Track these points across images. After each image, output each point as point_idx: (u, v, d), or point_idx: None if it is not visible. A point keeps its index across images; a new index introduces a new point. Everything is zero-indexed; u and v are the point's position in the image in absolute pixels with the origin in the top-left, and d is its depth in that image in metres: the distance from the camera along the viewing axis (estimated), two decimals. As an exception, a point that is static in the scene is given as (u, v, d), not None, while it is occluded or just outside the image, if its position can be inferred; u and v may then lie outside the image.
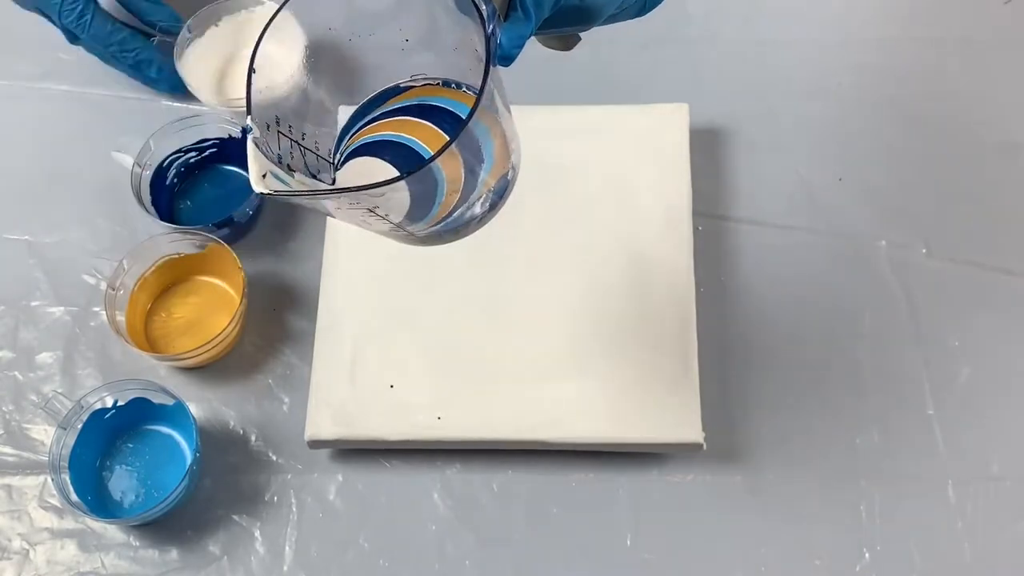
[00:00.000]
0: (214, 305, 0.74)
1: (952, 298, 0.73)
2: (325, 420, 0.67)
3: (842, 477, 0.68)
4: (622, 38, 0.82)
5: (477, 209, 0.51)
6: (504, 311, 0.70)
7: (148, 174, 0.75)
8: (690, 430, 0.66)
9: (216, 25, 0.80)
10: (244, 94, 0.73)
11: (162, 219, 0.73)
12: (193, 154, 0.78)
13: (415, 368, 0.69)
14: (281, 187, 0.45)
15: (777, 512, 0.68)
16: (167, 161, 0.76)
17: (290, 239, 0.77)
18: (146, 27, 0.80)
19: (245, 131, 0.47)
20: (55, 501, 0.70)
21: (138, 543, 0.68)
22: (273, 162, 0.47)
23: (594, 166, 0.73)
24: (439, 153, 0.43)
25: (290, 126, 0.50)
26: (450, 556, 0.67)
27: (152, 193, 0.75)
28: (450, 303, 0.70)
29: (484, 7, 0.45)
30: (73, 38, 0.77)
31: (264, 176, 0.45)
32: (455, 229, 0.52)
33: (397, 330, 0.70)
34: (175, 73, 0.78)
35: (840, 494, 0.68)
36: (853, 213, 0.76)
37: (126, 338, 0.70)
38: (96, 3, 0.76)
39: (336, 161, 0.53)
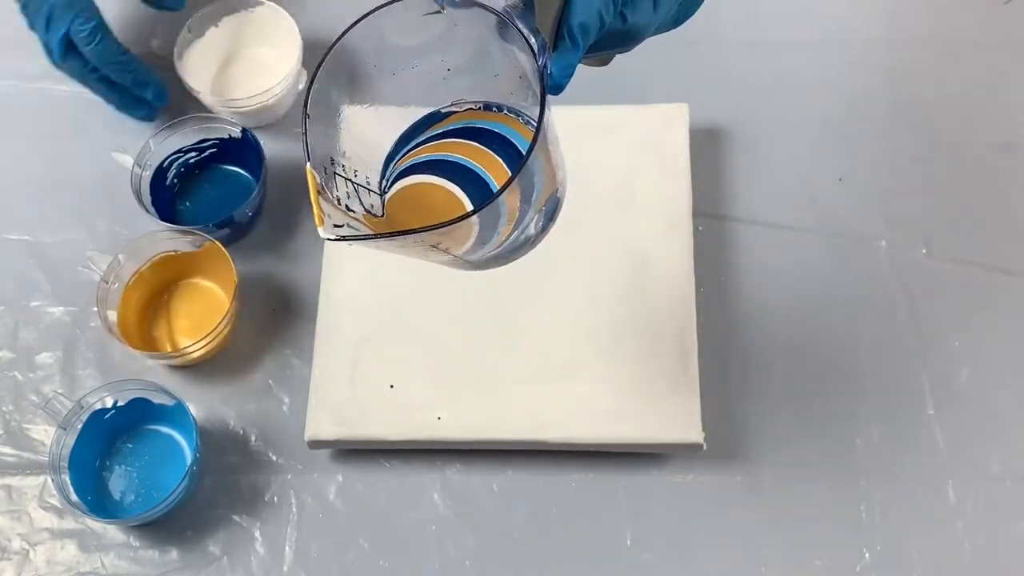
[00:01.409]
0: (209, 304, 0.74)
1: (952, 298, 0.73)
2: (325, 420, 0.67)
3: (842, 477, 0.68)
4: (622, 38, 0.82)
5: (531, 230, 0.52)
6: (504, 311, 0.70)
7: (148, 174, 0.75)
8: (690, 430, 0.66)
9: (216, 25, 0.80)
10: (242, 95, 0.74)
11: (162, 219, 0.73)
12: (193, 154, 0.78)
13: (415, 368, 0.69)
14: (348, 232, 0.46)
15: (777, 512, 0.68)
16: (167, 161, 0.76)
17: (290, 239, 0.77)
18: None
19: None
20: (55, 501, 0.70)
21: (138, 543, 0.68)
22: (333, 205, 0.47)
23: (594, 166, 0.73)
24: (506, 186, 0.44)
25: (343, 165, 0.50)
26: (450, 556, 0.67)
27: (152, 193, 0.75)
28: (450, 303, 0.70)
29: (534, 40, 0.46)
30: (63, 56, 0.75)
31: (323, 221, 0.45)
32: (509, 253, 0.53)
33: (397, 330, 0.70)
34: (164, 100, 0.79)
35: (840, 494, 0.68)
36: (853, 213, 0.76)
37: (116, 335, 0.70)
38: (106, 24, 0.76)
39: (383, 188, 0.53)
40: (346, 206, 0.49)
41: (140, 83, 0.77)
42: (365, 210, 0.51)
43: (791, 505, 0.68)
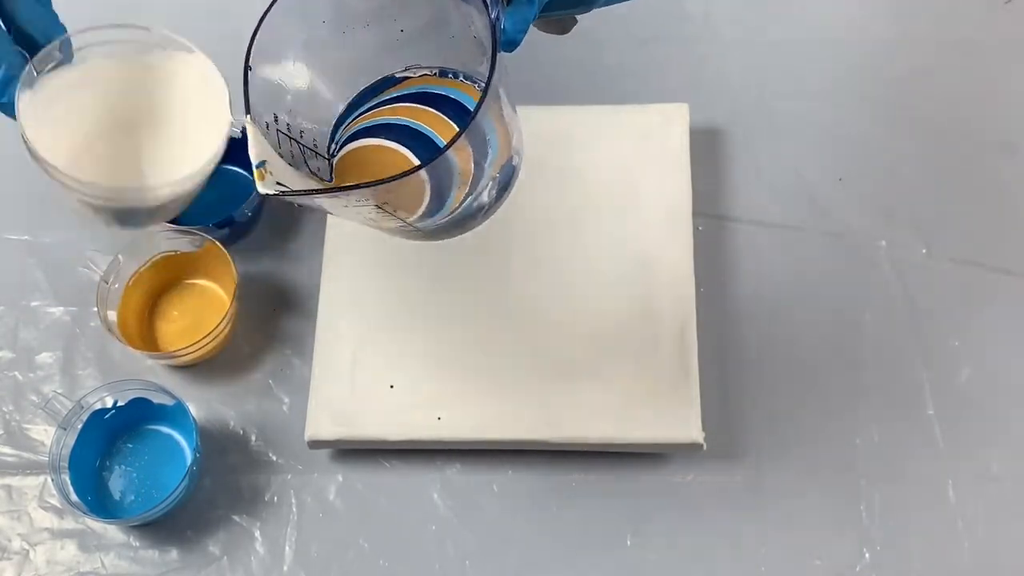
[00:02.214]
0: (209, 304, 0.74)
1: (952, 298, 0.73)
2: (325, 420, 0.67)
3: (842, 477, 0.68)
4: (622, 38, 0.82)
5: (484, 198, 0.51)
6: (504, 311, 0.70)
7: None
8: (690, 430, 0.66)
9: (87, 63, 0.53)
10: (104, 180, 0.53)
11: None
12: None
13: (415, 368, 0.69)
14: (286, 188, 0.45)
15: (777, 512, 0.68)
16: None
17: (290, 239, 0.77)
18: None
19: (243, 131, 0.46)
20: (55, 501, 0.70)
21: (138, 543, 0.68)
22: (277, 158, 0.46)
23: (594, 166, 0.73)
24: (454, 140, 0.43)
25: (288, 124, 0.49)
26: (450, 556, 0.67)
27: None
28: (450, 303, 0.70)
29: None
30: None
31: (264, 175, 0.45)
32: (462, 221, 0.51)
33: (397, 330, 0.70)
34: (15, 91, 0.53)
35: (840, 494, 0.68)
36: (853, 213, 0.76)
37: (116, 335, 0.69)
38: None
39: (332, 152, 0.52)
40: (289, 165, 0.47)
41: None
42: (311, 172, 0.50)
43: (791, 505, 0.68)
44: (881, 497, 0.68)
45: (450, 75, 0.53)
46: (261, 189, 0.44)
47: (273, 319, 0.74)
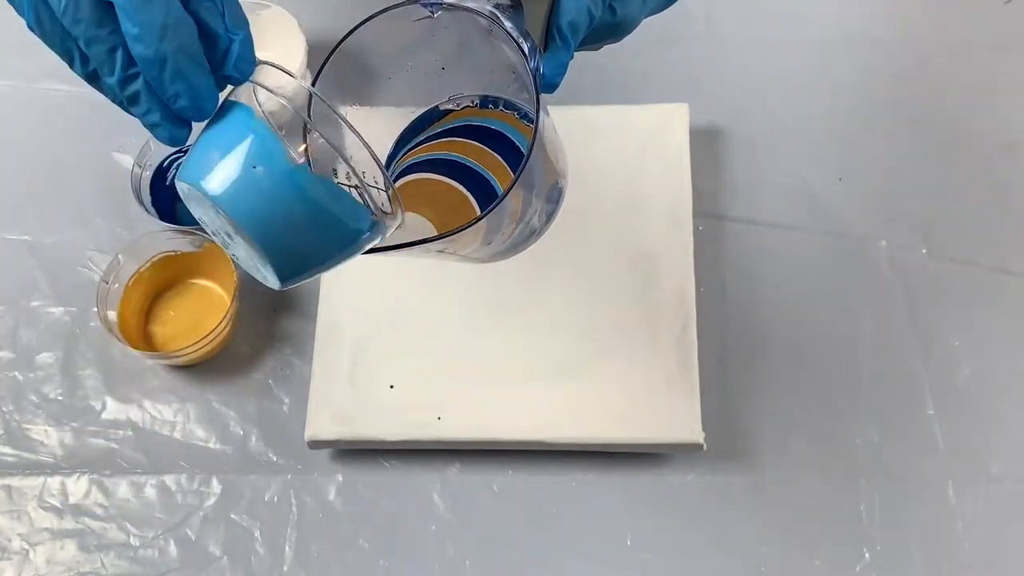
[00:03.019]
0: (209, 305, 0.74)
1: (952, 298, 0.73)
2: (325, 420, 0.67)
3: (842, 477, 0.68)
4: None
5: (536, 223, 0.52)
6: (504, 311, 0.70)
7: (148, 174, 0.75)
8: (690, 430, 0.66)
9: None
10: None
11: (162, 219, 0.73)
12: None
13: (415, 368, 0.69)
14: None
15: (777, 512, 0.68)
16: (167, 161, 0.76)
17: (290, 239, 0.77)
18: None
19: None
20: (55, 501, 0.70)
21: (138, 543, 0.68)
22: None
23: (595, 166, 0.73)
24: (510, 189, 0.45)
25: (347, 172, 0.50)
26: (450, 556, 0.67)
27: (152, 193, 0.75)
28: (450, 303, 0.70)
29: (525, 44, 0.46)
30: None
31: None
32: (515, 247, 0.53)
33: (397, 330, 0.70)
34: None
35: (840, 494, 0.68)
36: (853, 213, 0.76)
37: (116, 335, 0.70)
38: None
39: (387, 189, 0.54)
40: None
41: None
42: (378, 208, 0.51)
43: (791, 505, 0.68)
44: (881, 497, 0.68)
45: (490, 104, 0.54)
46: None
47: (273, 319, 0.74)
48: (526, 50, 0.46)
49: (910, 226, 0.75)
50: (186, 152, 0.76)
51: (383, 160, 0.54)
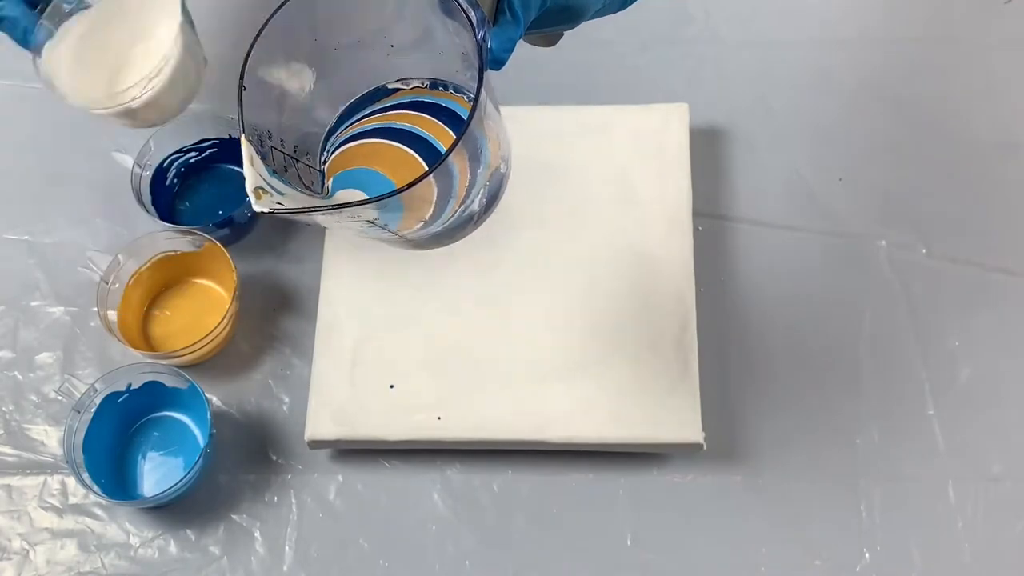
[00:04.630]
0: (209, 305, 0.74)
1: (952, 298, 0.73)
2: (325, 420, 0.67)
3: (842, 477, 0.68)
4: (622, 38, 0.82)
5: (475, 207, 0.51)
6: (504, 311, 0.70)
7: (148, 174, 0.75)
8: (690, 430, 0.66)
9: (83, 9, 0.66)
10: (130, 84, 0.64)
11: (162, 219, 0.73)
12: (193, 154, 0.78)
13: (415, 368, 0.69)
14: (281, 205, 0.46)
15: (777, 512, 0.68)
16: (167, 161, 0.76)
17: (290, 240, 0.77)
18: None
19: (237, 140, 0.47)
20: (55, 501, 0.70)
21: (138, 543, 0.68)
22: (266, 177, 0.47)
23: (594, 166, 0.73)
24: (456, 143, 0.44)
25: (281, 140, 0.50)
26: (450, 556, 0.67)
27: (152, 193, 0.75)
28: (450, 303, 0.70)
29: (473, 14, 0.45)
30: None
31: (260, 195, 0.45)
32: (452, 231, 0.52)
33: (397, 330, 0.70)
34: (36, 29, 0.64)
35: (840, 494, 0.68)
36: (853, 213, 0.76)
37: (116, 334, 0.70)
38: None
39: (323, 160, 0.53)
40: (284, 181, 0.49)
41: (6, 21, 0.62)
42: (306, 186, 0.51)
43: (791, 505, 0.68)
44: (881, 497, 0.68)
45: (440, 87, 0.53)
46: (257, 208, 0.45)
47: (273, 319, 0.74)
48: (474, 20, 0.45)
49: (910, 226, 0.75)
50: (185, 152, 0.77)
51: (323, 132, 0.54)
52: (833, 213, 0.76)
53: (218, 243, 0.71)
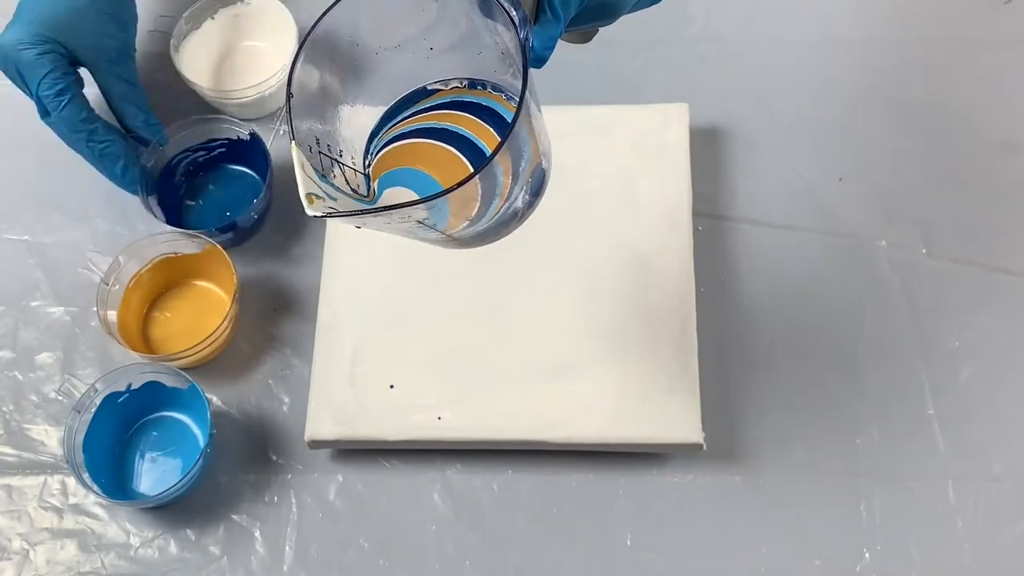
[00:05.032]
0: (209, 307, 0.74)
1: (952, 298, 0.73)
2: (325, 420, 0.67)
3: (842, 477, 0.68)
4: (623, 38, 0.82)
5: (519, 204, 0.52)
6: (504, 311, 0.70)
7: (155, 172, 0.75)
8: (690, 430, 0.66)
9: (212, 18, 0.81)
10: (240, 85, 0.75)
11: (169, 220, 0.73)
12: (202, 153, 0.78)
13: (415, 368, 0.69)
14: (333, 209, 0.46)
15: (777, 512, 0.68)
16: (176, 160, 0.76)
17: (291, 240, 0.77)
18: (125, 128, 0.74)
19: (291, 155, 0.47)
20: (55, 501, 0.70)
21: (138, 543, 0.68)
22: (317, 182, 0.47)
23: (594, 166, 0.73)
24: (501, 144, 0.44)
25: (328, 145, 0.50)
26: (450, 556, 0.67)
27: (159, 192, 0.75)
28: (451, 303, 0.70)
29: (516, 14, 0.46)
30: (45, 113, 0.71)
31: (313, 200, 0.46)
32: (497, 228, 0.53)
33: (397, 330, 0.70)
34: (139, 173, 0.73)
35: (840, 494, 0.68)
36: (853, 213, 0.76)
37: (116, 336, 0.70)
38: (79, 86, 0.71)
39: (368, 163, 0.54)
40: (332, 185, 0.49)
41: (107, 156, 0.71)
42: (352, 190, 0.51)
43: (791, 505, 0.68)
44: (881, 497, 0.68)
45: (479, 86, 0.54)
46: (310, 212, 0.46)
47: (273, 319, 0.74)
48: (516, 19, 0.46)
49: (910, 226, 0.75)
50: (193, 151, 0.76)
51: (366, 135, 0.54)
52: (833, 213, 0.76)
53: (219, 246, 0.71)
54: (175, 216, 0.76)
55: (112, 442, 0.70)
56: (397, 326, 0.70)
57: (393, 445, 0.68)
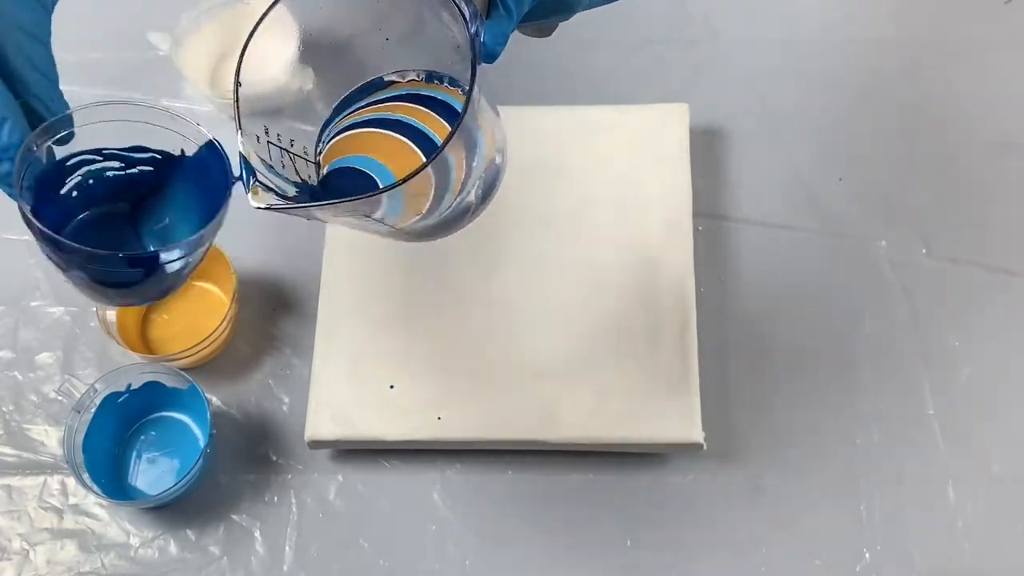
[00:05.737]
0: (208, 308, 0.74)
1: (952, 298, 0.73)
2: (325, 420, 0.67)
3: (842, 477, 0.68)
4: (623, 38, 0.82)
5: (471, 198, 0.51)
6: (504, 311, 0.70)
7: (38, 169, 0.49)
8: (690, 430, 0.66)
9: (212, 18, 0.80)
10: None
11: (43, 235, 0.50)
12: (113, 165, 0.51)
13: (415, 368, 0.69)
14: (276, 201, 0.46)
15: (777, 512, 0.68)
16: (72, 159, 0.50)
17: (290, 239, 0.77)
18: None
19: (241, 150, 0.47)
20: (55, 501, 0.70)
21: (138, 543, 0.68)
22: (264, 173, 0.47)
23: (594, 166, 0.73)
24: (451, 135, 0.44)
25: (278, 134, 0.50)
26: (450, 556, 0.67)
27: (35, 195, 0.50)
28: (451, 303, 0.70)
29: (466, 8, 0.46)
30: None
31: (257, 192, 0.46)
32: (449, 223, 0.52)
33: (397, 330, 0.70)
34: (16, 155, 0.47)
35: (840, 494, 0.68)
36: (853, 213, 0.76)
37: (115, 337, 0.69)
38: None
39: (319, 151, 0.53)
40: (280, 175, 0.49)
41: None
42: (302, 180, 0.51)
43: (791, 505, 0.68)
44: (881, 497, 0.68)
45: (436, 80, 0.53)
46: (255, 204, 0.46)
47: (273, 319, 0.74)
48: (467, 14, 0.45)
49: (910, 226, 0.75)
50: (105, 156, 0.55)
51: (319, 124, 0.54)
52: (833, 213, 0.76)
53: (218, 246, 0.71)
54: (54, 230, 0.49)
55: (112, 442, 0.70)
56: (397, 326, 0.70)
57: (393, 445, 0.68)
